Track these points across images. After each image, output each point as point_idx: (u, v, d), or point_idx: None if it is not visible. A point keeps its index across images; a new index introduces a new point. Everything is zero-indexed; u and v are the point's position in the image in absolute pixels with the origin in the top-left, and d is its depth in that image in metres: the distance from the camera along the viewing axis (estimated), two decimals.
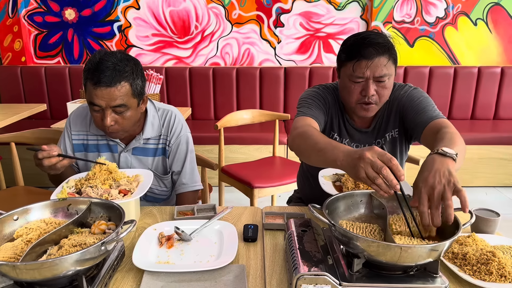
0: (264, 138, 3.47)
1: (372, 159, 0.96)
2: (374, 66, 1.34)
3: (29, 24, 3.95)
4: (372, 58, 1.33)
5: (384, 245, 0.87)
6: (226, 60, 4.07)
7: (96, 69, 1.37)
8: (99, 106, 1.39)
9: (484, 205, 1.30)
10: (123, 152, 1.59)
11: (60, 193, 1.26)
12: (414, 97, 1.47)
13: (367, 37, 1.36)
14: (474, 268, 1.01)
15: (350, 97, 1.42)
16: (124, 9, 3.90)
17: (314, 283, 0.90)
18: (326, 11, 3.93)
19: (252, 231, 1.24)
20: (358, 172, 0.98)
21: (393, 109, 1.52)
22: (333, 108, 1.55)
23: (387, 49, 1.35)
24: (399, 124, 1.52)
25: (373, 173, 0.95)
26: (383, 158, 0.96)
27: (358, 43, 1.36)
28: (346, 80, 1.41)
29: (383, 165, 0.95)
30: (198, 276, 1.03)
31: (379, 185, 0.96)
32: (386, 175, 0.94)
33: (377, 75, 1.35)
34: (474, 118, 3.98)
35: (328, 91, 1.57)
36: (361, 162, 0.97)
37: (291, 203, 1.89)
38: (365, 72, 1.35)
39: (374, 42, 1.34)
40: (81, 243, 0.98)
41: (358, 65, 1.35)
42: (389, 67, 1.36)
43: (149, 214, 1.41)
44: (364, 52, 1.34)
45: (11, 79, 3.85)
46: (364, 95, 1.39)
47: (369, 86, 1.37)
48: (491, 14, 3.90)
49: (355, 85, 1.39)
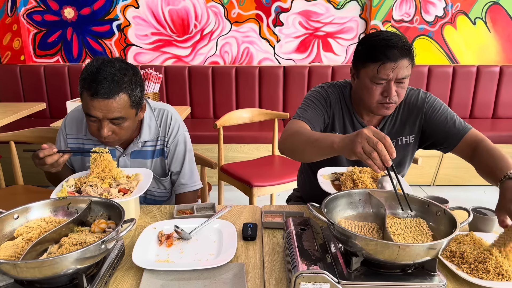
0: (263, 137, 3.48)
1: (368, 135, 1.03)
2: (398, 68, 1.35)
3: (28, 22, 3.94)
4: (397, 60, 1.34)
5: (382, 243, 0.88)
6: (225, 59, 4.07)
7: (94, 80, 1.31)
8: (95, 117, 1.35)
9: (482, 204, 1.31)
10: (121, 157, 1.56)
11: (60, 192, 1.27)
12: (437, 106, 1.52)
13: (389, 38, 1.36)
14: (471, 266, 1.02)
15: (371, 98, 1.43)
16: (123, 8, 3.90)
17: (312, 281, 0.90)
18: (325, 10, 3.93)
19: (251, 230, 1.24)
20: (355, 147, 1.04)
21: (412, 116, 1.54)
22: (336, 107, 1.56)
23: (409, 51, 1.37)
24: (417, 131, 1.55)
25: (369, 147, 1.02)
26: (378, 135, 1.02)
27: (382, 45, 1.36)
28: (367, 81, 1.41)
29: (378, 141, 1.01)
30: (197, 274, 1.04)
31: (374, 158, 1.01)
32: (380, 150, 1.00)
33: (400, 76, 1.37)
34: (472, 117, 3.98)
35: (334, 89, 1.57)
36: (358, 138, 1.04)
37: (290, 202, 1.90)
38: (389, 74, 1.36)
39: (397, 44, 1.35)
40: (81, 242, 0.99)
41: (383, 67, 1.35)
42: (409, 68, 1.39)
43: (149, 213, 1.41)
44: (390, 54, 1.34)
45: (10, 78, 3.84)
46: (385, 96, 1.40)
47: (391, 88, 1.38)
48: (490, 13, 3.91)
49: (377, 86, 1.40)
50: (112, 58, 1.38)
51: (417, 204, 1.11)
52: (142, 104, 1.47)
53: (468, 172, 3.59)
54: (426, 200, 1.10)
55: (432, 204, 1.07)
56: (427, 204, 1.08)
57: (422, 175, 3.59)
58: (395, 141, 1.56)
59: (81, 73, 1.35)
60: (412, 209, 1.11)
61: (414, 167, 1.74)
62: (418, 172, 3.55)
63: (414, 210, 1.11)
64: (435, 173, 3.60)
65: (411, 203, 1.11)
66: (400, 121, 1.55)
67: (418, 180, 3.63)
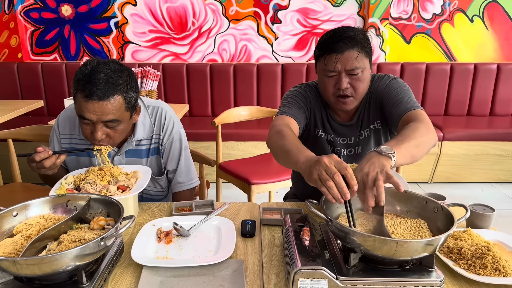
0: (261, 134, 3.48)
1: (328, 164, 0.99)
2: (344, 59, 1.37)
3: (25, 20, 3.93)
4: (341, 51, 1.37)
5: (380, 239, 0.88)
6: (223, 57, 4.07)
7: (88, 81, 1.28)
8: (89, 120, 1.32)
9: (479, 200, 1.32)
10: (116, 156, 1.53)
11: (58, 190, 1.27)
12: (392, 88, 1.48)
13: (338, 31, 1.39)
14: (469, 262, 1.03)
15: (326, 91, 1.46)
16: (121, 5, 3.89)
17: (311, 277, 0.91)
18: (323, 7, 3.93)
19: (250, 227, 1.25)
20: (312, 174, 1.02)
21: (372, 101, 1.53)
22: (316, 105, 1.57)
23: (357, 42, 1.37)
24: (380, 115, 1.52)
25: (326, 176, 0.98)
26: (339, 166, 0.99)
27: (329, 38, 1.40)
28: (322, 75, 1.45)
29: (337, 171, 0.97)
30: (196, 271, 1.04)
31: (329, 187, 0.97)
32: (338, 181, 0.97)
33: (348, 68, 1.38)
34: (470, 115, 3.99)
35: (310, 89, 1.58)
36: (316, 165, 1.01)
37: (287, 199, 1.90)
38: (336, 65, 1.38)
39: (344, 36, 1.37)
40: (81, 239, 0.99)
41: (329, 58, 1.39)
42: (360, 60, 1.38)
43: (148, 210, 1.42)
44: (334, 46, 1.37)
45: (7, 76, 3.83)
46: (338, 88, 1.42)
47: (342, 79, 1.39)
48: (487, 10, 3.92)
49: (329, 79, 1.43)
50: (107, 60, 1.35)
51: (415, 201, 1.11)
52: (137, 106, 1.45)
53: (465, 169, 3.60)
54: (423, 196, 1.10)
55: (429, 200, 1.08)
56: (425, 201, 1.09)
57: (420, 172, 3.60)
58: (368, 130, 1.54)
59: (75, 74, 1.32)
60: (409, 208, 1.11)
61: (412, 164, 1.74)
62: (415, 169, 3.56)
63: (412, 207, 1.11)
64: (433, 170, 3.61)
65: (409, 200, 1.12)
66: (368, 109, 1.54)
67: (416, 177, 3.64)
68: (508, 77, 3.86)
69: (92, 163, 1.54)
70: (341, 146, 1.57)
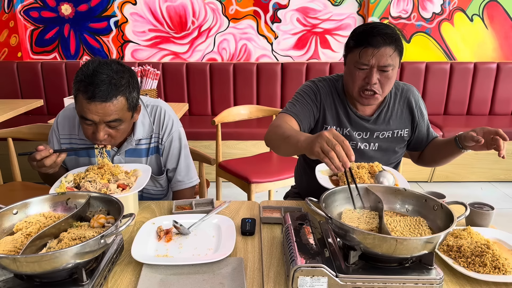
0: (261, 133, 3.48)
1: (328, 136, 1.06)
2: (379, 55, 1.38)
3: (25, 19, 3.92)
4: (378, 46, 1.38)
5: (379, 237, 0.89)
6: (223, 56, 4.07)
7: (91, 83, 1.27)
8: (92, 121, 1.32)
9: (479, 199, 1.31)
10: (116, 156, 1.53)
11: (58, 188, 1.27)
12: (424, 107, 1.65)
13: (376, 26, 1.41)
14: (468, 260, 1.03)
15: (353, 83, 1.47)
16: (121, 4, 3.88)
17: (311, 275, 0.91)
18: (323, 6, 3.93)
19: (250, 225, 1.25)
20: (314, 146, 1.08)
21: (407, 109, 1.60)
22: (328, 100, 1.57)
23: (394, 40, 1.40)
24: (411, 127, 1.61)
25: (327, 148, 1.05)
26: (337, 138, 1.05)
27: (367, 32, 1.41)
28: (352, 67, 1.46)
29: (337, 143, 1.04)
30: (196, 269, 1.04)
31: (332, 158, 1.04)
32: (338, 151, 1.03)
33: (382, 64, 1.39)
34: (470, 114, 4.00)
35: (325, 83, 1.60)
36: (318, 138, 1.07)
37: (287, 198, 1.91)
38: (370, 59, 1.39)
39: (382, 32, 1.39)
40: (81, 237, 0.99)
41: (365, 52, 1.40)
42: (394, 58, 1.40)
43: (148, 209, 1.42)
44: (372, 40, 1.38)
45: (7, 75, 3.83)
46: (367, 82, 1.43)
47: (373, 74, 1.41)
48: (487, 10, 3.92)
49: (360, 72, 1.43)
50: (108, 60, 1.34)
51: (415, 199, 1.12)
52: (138, 106, 1.45)
53: (465, 168, 3.61)
54: (423, 194, 1.10)
55: (429, 198, 1.08)
56: (425, 199, 1.09)
57: (420, 171, 3.60)
58: (391, 132, 1.58)
59: (76, 75, 1.31)
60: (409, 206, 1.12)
61: (412, 163, 1.74)
62: (415, 168, 3.52)
63: (412, 205, 1.12)
64: (433, 169, 3.62)
65: (409, 198, 1.12)
66: (396, 114, 1.58)
67: (416, 176, 3.64)
68: (508, 76, 3.87)
69: (91, 163, 1.54)
70: (357, 140, 1.58)
